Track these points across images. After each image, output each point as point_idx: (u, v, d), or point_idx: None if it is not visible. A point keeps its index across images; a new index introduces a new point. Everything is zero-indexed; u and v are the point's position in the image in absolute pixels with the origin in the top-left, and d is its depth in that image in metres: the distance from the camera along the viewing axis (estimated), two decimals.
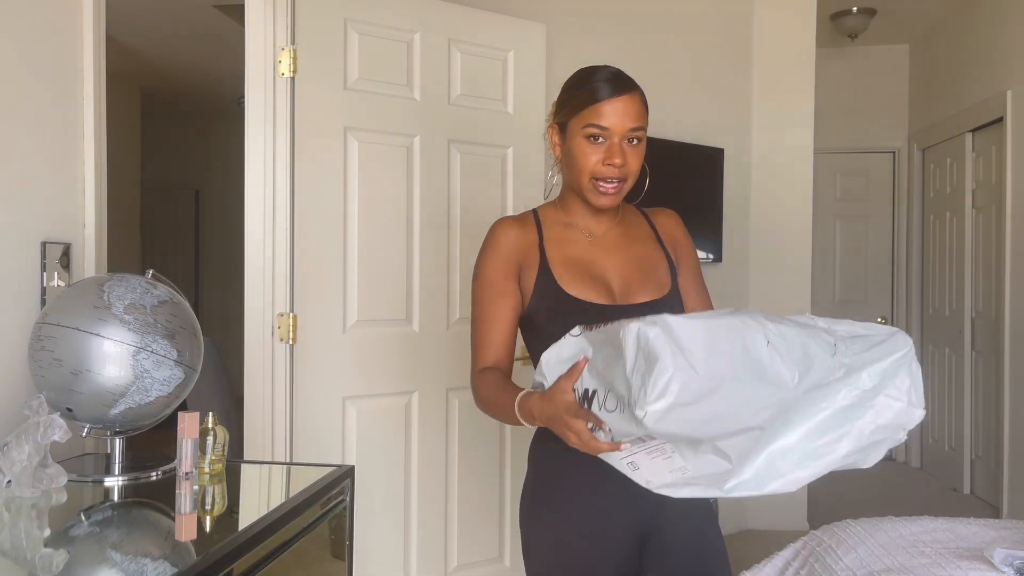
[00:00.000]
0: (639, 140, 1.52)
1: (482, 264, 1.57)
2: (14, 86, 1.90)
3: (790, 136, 4.26)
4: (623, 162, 1.49)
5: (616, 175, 1.50)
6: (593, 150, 1.50)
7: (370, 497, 2.61)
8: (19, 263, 1.91)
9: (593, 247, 1.59)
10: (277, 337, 2.50)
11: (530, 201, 3.00)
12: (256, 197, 2.50)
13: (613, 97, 1.49)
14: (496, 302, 1.55)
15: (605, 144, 1.50)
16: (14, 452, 1.46)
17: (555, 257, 1.55)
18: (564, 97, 1.56)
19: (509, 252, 1.56)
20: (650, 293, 1.56)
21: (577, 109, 1.51)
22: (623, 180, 1.52)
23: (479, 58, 2.89)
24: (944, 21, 5.32)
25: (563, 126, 1.55)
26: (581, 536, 1.51)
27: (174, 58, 5.69)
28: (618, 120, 1.49)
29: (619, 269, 1.58)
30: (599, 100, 1.49)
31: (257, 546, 1.38)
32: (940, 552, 2.17)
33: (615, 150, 1.49)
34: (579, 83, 1.54)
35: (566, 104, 1.54)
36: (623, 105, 1.49)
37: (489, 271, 1.56)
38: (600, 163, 1.50)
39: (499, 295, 1.55)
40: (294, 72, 2.50)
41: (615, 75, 1.52)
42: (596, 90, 1.50)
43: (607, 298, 1.53)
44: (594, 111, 1.49)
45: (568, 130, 1.54)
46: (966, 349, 5.04)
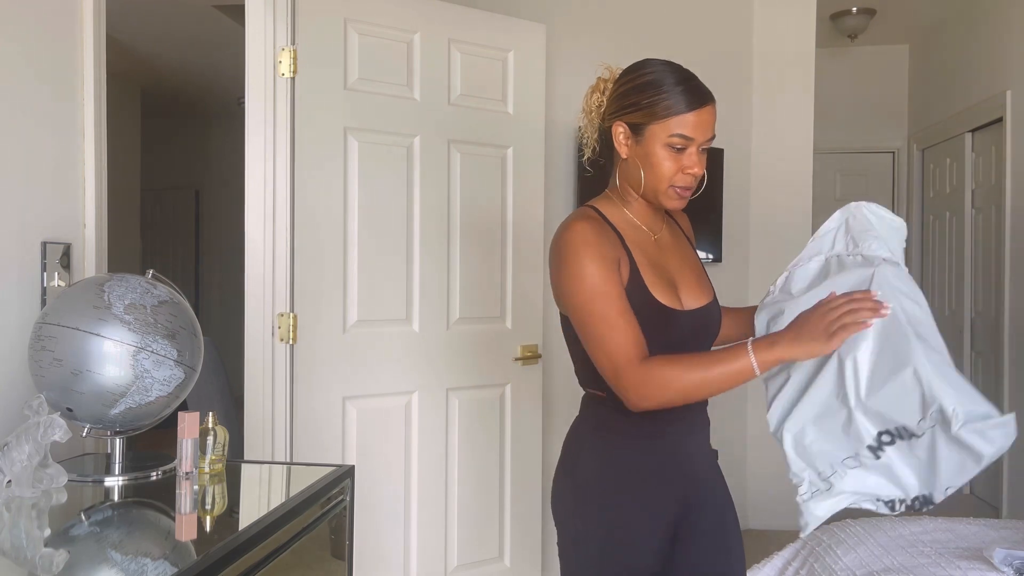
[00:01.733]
0: (707, 150, 1.54)
1: (586, 265, 1.46)
2: (14, 86, 1.90)
3: (790, 136, 4.26)
4: (698, 171, 1.52)
5: (692, 183, 1.53)
6: (674, 158, 1.50)
7: (370, 497, 2.61)
8: (19, 263, 1.91)
9: (659, 248, 1.60)
10: (277, 337, 2.50)
11: (530, 201, 3.02)
12: (256, 197, 2.50)
13: (701, 108, 1.49)
14: (617, 296, 1.46)
15: (685, 152, 1.50)
16: (14, 452, 1.46)
17: (640, 259, 1.53)
18: (640, 99, 1.50)
19: (607, 251, 1.48)
20: (706, 296, 1.61)
21: (662, 116, 1.48)
22: (694, 187, 1.55)
23: (479, 58, 2.89)
24: (944, 21, 5.32)
25: (638, 127, 1.51)
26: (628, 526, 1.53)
27: (174, 58, 5.69)
28: (703, 131, 1.50)
29: (681, 272, 1.60)
30: (690, 110, 1.48)
31: (257, 546, 1.38)
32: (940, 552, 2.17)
33: (695, 160, 1.51)
34: (660, 86, 1.49)
35: (644, 107, 1.49)
36: (708, 116, 1.50)
37: (598, 269, 1.45)
38: (680, 171, 1.51)
39: (617, 288, 1.46)
40: (294, 72, 2.50)
41: (698, 83, 1.51)
42: (686, 99, 1.48)
43: (677, 303, 1.54)
44: (683, 121, 1.48)
45: (646, 133, 1.50)
46: (966, 349, 5.04)
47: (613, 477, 1.55)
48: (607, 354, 1.45)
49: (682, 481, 1.56)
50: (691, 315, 1.56)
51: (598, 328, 1.45)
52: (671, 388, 1.42)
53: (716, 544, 1.59)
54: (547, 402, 3.21)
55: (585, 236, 1.48)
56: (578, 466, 1.60)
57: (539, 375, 3.08)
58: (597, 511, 1.55)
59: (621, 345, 1.44)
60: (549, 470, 3.20)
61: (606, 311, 1.45)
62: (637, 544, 1.53)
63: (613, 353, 1.44)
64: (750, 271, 4.23)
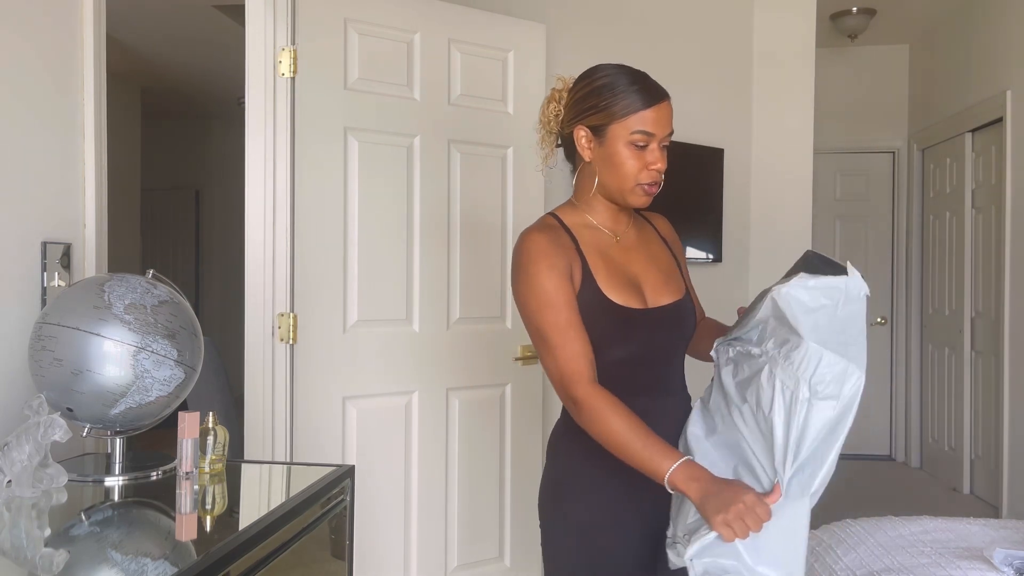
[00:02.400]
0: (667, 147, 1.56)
1: (537, 278, 1.49)
2: (14, 86, 1.90)
3: (790, 136, 4.26)
4: (662, 167, 1.54)
5: (658, 179, 1.55)
6: (637, 156, 1.53)
7: (370, 497, 2.61)
8: (19, 263, 1.91)
9: (620, 249, 1.61)
10: (277, 337, 2.50)
11: (530, 201, 3.02)
12: (256, 197, 2.50)
13: (658, 104, 1.52)
14: (572, 311, 1.49)
15: (646, 149, 1.53)
16: (14, 452, 1.46)
17: (595, 262, 1.55)
18: (598, 101, 1.53)
19: (557, 260, 1.51)
20: (673, 294, 1.61)
21: (621, 115, 1.51)
22: (660, 182, 1.57)
23: (479, 58, 2.89)
24: (944, 21, 5.32)
25: (598, 129, 1.54)
26: (603, 527, 1.54)
27: (174, 58, 5.69)
28: (662, 126, 1.53)
29: (645, 271, 1.61)
30: (647, 107, 1.51)
31: (257, 546, 1.38)
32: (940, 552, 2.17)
33: (658, 155, 1.54)
34: (616, 87, 1.52)
35: (603, 108, 1.52)
36: (666, 111, 1.53)
37: (547, 280, 1.49)
38: (643, 168, 1.53)
39: (567, 300, 1.49)
40: (294, 72, 2.50)
41: (651, 80, 1.55)
42: (643, 97, 1.51)
43: (640, 302, 1.55)
44: (642, 118, 1.51)
45: (607, 134, 1.53)
46: (966, 349, 5.04)
47: (587, 479, 1.56)
48: (555, 363, 1.48)
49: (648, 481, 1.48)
50: (656, 313, 1.56)
51: (549, 337, 1.48)
52: (598, 425, 1.43)
53: None
54: (547, 402, 3.21)
55: (538, 246, 1.52)
56: (555, 466, 1.62)
57: (539, 375, 3.08)
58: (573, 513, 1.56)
59: (569, 357, 1.47)
60: None
61: (556, 321, 1.48)
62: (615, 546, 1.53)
63: (561, 363, 1.48)
64: (750, 271, 4.23)
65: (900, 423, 5.92)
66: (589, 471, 1.56)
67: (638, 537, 1.55)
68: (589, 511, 1.55)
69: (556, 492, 1.60)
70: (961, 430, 5.08)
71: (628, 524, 1.54)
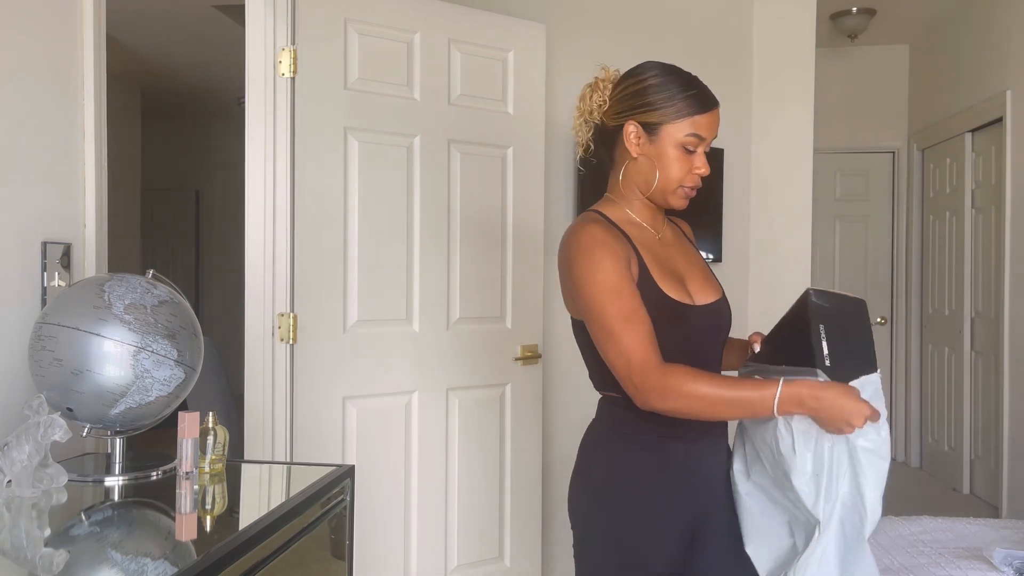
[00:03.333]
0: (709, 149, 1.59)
1: (600, 267, 1.46)
2: (14, 86, 1.90)
3: (790, 136, 4.26)
4: (706, 172, 1.56)
5: (699, 183, 1.58)
6: (686, 158, 1.54)
7: (370, 497, 2.61)
8: (19, 263, 1.91)
9: (662, 246, 1.61)
10: (277, 337, 2.50)
11: (530, 201, 3.02)
12: (256, 197, 2.50)
13: (712, 109, 1.54)
14: (637, 299, 1.46)
15: (695, 153, 1.55)
16: (14, 452, 1.46)
17: (648, 257, 1.55)
18: (656, 99, 1.52)
19: (620, 251, 1.49)
20: (714, 293, 1.63)
21: (678, 116, 1.52)
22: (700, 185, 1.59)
23: (479, 58, 2.89)
24: (944, 21, 5.32)
25: (651, 127, 1.53)
26: (640, 529, 1.53)
27: (174, 58, 5.69)
28: (713, 131, 1.56)
29: (687, 268, 1.62)
30: (705, 111, 1.52)
31: (257, 546, 1.38)
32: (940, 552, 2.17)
33: (703, 160, 1.56)
34: (675, 87, 1.52)
35: (660, 107, 1.52)
36: (717, 118, 1.56)
37: (611, 270, 1.46)
38: (689, 172, 1.55)
39: (635, 292, 1.47)
40: (294, 72, 2.50)
41: (705, 85, 1.56)
42: (701, 100, 1.53)
43: (688, 298, 1.56)
44: (697, 122, 1.52)
45: (660, 133, 1.53)
46: (965, 349, 5.04)
47: (626, 480, 1.55)
48: (621, 352, 1.44)
49: (697, 485, 1.57)
50: (702, 310, 1.58)
51: (614, 326, 1.44)
52: (688, 397, 1.40)
53: (731, 548, 1.59)
54: (547, 402, 3.21)
55: (596, 237, 1.49)
56: (592, 469, 1.60)
57: (539, 375, 3.08)
58: (610, 514, 1.56)
59: (637, 344, 1.43)
60: (549, 470, 3.21)
61: (621, 309, 1.44)
62: (650, 548, 1.53)
63: (628, 351, 1.43)
64: (750, 271, 4.23)
65: (900, 423, 5.92)
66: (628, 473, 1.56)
67: (674, 539, 1.55)
68: (627, 514, 1.54)
69: (595, 495, 1.59)
70: (961, 430, 5.08)
71: (663, 527, 1.54)
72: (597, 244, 1.48)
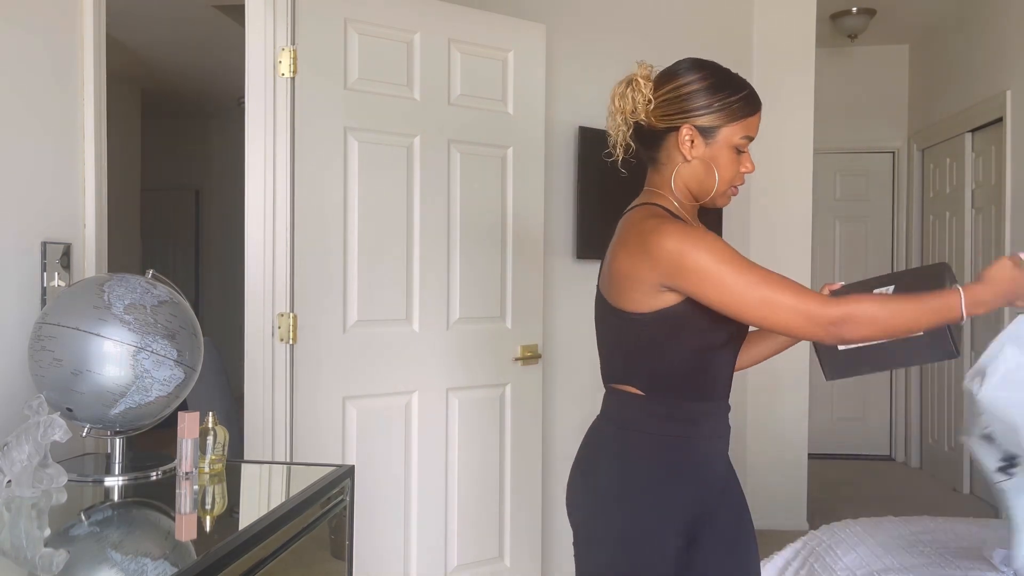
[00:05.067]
0: None
1: (720, 245, 1.44)
2: (14, 86, 1.90)
3: (790, 136, 4.26)
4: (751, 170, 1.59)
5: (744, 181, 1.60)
6: (737, 159, 1.55)
7: (370, 497, 2.61)
8: (19, 263, 1.91)
9: None
10: (277, 337, 2.50)
11: (530, 201, 3.02)
12: (256, 197, 2.50)
13: (760, 109, 1.55)
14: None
15: (745, 153, 1.57)
16: (14, 452, 1.46)
17: None
18: (713, 101, 1.51)
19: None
20: None
21: (735, 118, 1.52)
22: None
23: (479, 58, 2.89)
24: (944, 21, 5.32)
25: (709, 131, 1.52)
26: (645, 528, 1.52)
27: (174, 58, 5.69)
28: (757, 131, 1.57)
29: None
30: (756, 111, 1.54)
31: (257, 546, 1.38)
32: (940, 552, 2.17)
33: (750, 158, 1.57)
34: (729, 88, 1.51)
35: (719, 110, 1.50)
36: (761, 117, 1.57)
37: (727, 247, 1.45)
38: (738, 171, 1.57)
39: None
40: (294, 72, 2.50)
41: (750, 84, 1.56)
42: (754, 101, 1.53)
43: None
44: (750, 123, 1.54)
45: (717, 136, 1.52)
46: (966, 349, 5.04)
47: (633, 481, 1.54)
48: (790, 303, 1.40)
49: (701, 484, 1.57)
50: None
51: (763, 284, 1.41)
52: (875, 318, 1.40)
53: (732, 548, 1.60)
54: (547, 402, 3.21)
55: (693, 227, 1.50)
56: (598, 466, 1.59)
57: (539, 375, 3.08)
58: (616, 516, 1.54)
59: (796, 293, 1.41)
60: (549, 470, 3.21)
61: (756, 268, 1.43)
62: (653, 547, 1.52)
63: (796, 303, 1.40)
64: None
65: (900, 423, 5.92)
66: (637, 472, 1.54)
67: (677, 542, 1.54)
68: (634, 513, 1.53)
69: (599, 496, 1.57)
70: (961, 430, 5.08)
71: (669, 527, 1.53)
72: (698, 230, 1.51)
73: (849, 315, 1.39)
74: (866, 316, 1.39)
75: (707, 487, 1.58)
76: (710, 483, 1.59)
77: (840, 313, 1.39)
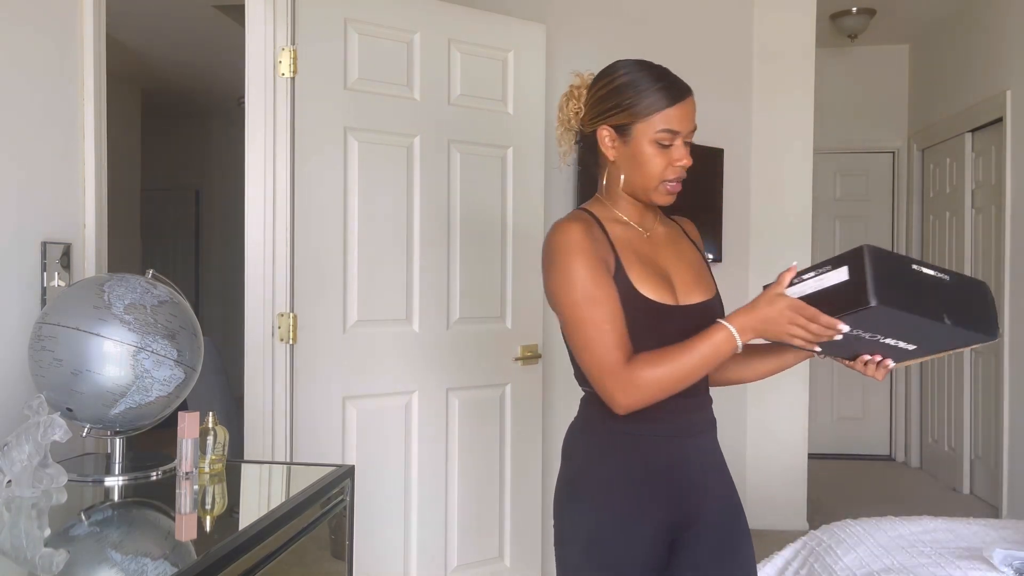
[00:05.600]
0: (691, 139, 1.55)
1: (572, 267, 1.47)
2: (14, 86, 1.90)
3: (790, 136, 4.26)
4: (686, 163, 1.53)
5: (682, 175, 1.55)
6: (662, 154, 1.51)
7: (370, 497, 2.61)
8: (19, 263, 1.91)
9: (650, 244, 1.59)
10: (277, 337, 2.50)
11: (530, 201, 3.02)
12: (256, 197, 2.50)
13: (682, 100, 1.50)
14: (604, 296, 1.46)
15: (672, 147, 1.52)
16: (14, 452, 1.46)
17: (627, 256, 1.54)
18: (621, 100, 1.51)
19: (595, 250, 1.49)
20: (703, 293, 1.60)
21: (645, 114, 1.50)
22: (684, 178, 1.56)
23: (479, 58, 2.89)
24: (944, 21, 5.32)
25: (623, 128, 1.52)
26: (617, 530, 1.52)
27: (174, 58, 5.69)
28: (687, 123, 1.52)
29: (675, 267, 1.60)
30: (672, 104, 1.50)
31: (257, 546, 1.38)
32: (940, 552, 2.17)
33: (683, 152, 1.53)
34: (639, 85, 1.51)
35: (627, 107, 1.51)
36: (690, 108, 1.52)
37: (586, 271, 1.47)
38: (668, 166, 1.52)
39: (603, 289, 1.47)
40: (294, 72, 2.50)
41: (674, 77, 1.53)
42: (667, 95, 1.49)
43: (671, 298, 1.54)
44: (666, 117, 1.49)
45: (632, 134, 1.51)
46: (965, 349, 5.03)
47: (602, 480, 1.54)
48: (594, 358, 1.46)
49: (676, 486, 1.53)
50: (686, 310, 1.54)
51: (586, 331, 1.46)
52: (657, 386, 1.44)
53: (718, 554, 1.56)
54: (547, 402, 3.21)
55: (574, 237, 1.49)
56: (570, 466, 1.61)
57: (539, 375, 3.08)
58: (586, 515, 1.54)
59: (607, 350, 1.44)
60: (549, 470, 3.20)
61: (593, 315, 1.45)
62: (626, 551, 1.51)
63: (599, 357, 1.45)
64: (750, 271, 4.23)
65: (900, 423, 5.92)
66: (602, 472, 1.54)
67: (649, 541, 1.52)
68: (600, 513, 1.53)
69: (569, 493, 1.58)
70: (961, 430, 5.08)
71: (638, 528, 1.52)
72: (572, 248, 1.48)
73: (627, 387, 1.44)
74: (651, 379, 1.43)
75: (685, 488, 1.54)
76: (689, 484, 1.55)
77: (618, 385, 1.44)
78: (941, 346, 1.53)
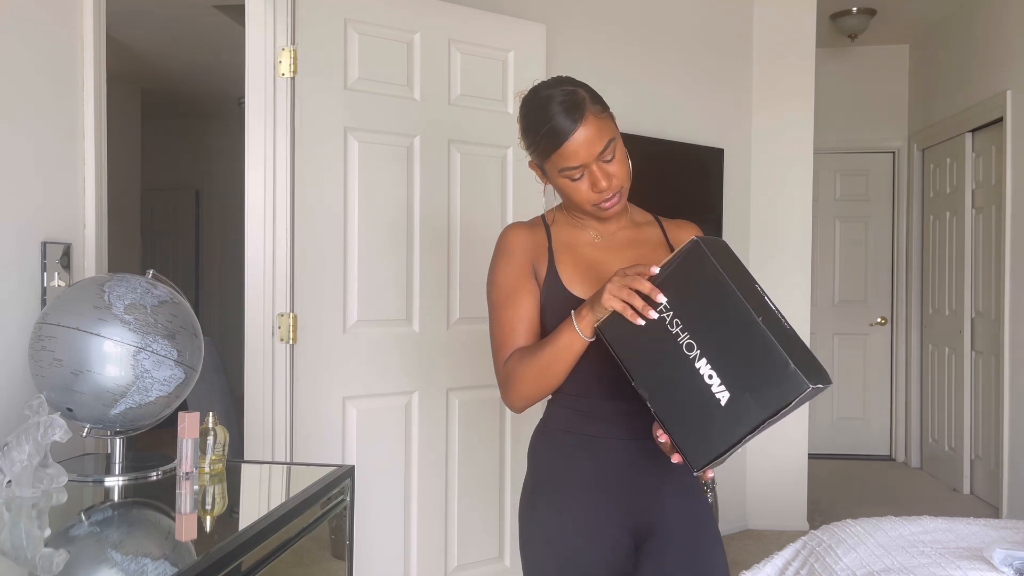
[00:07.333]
0: (614, 151, 1.47)
1: (496, 269, 1.57)
2: (14, 86, 1.90)
3: (790, 136, 4.26)
4: (608, 184, 1.47)
5: (610, 193, 1.49)
6: (578, 184, 1.49)
7: (370, 497, 2.61)
8: (19, 263, 1.91)
9: (601, 248, 1.59)
10: (277, 337, 2.50)
11: (530, 201, 3.02)
12: (256, 197, 2.50)
13: (573, 133, 1.43)
14: (515, 299, 1.53)
15: (586, 174, 1.47)
16: (14, 452, 1.46)
17: (562, 257, 1.55)
18: (527, 140, 1.50)
19: (521, 254, 1.55)
20: None
21: (546, 154, 1.47)
22: (619, 191, 1.50)
23: (479, 58, 2.89)
24: (944, 21, 5.32)
25: (538, 165, 1.53)
26: (575, 533, 1.52)
27: (174, 58, 5.69)
28: (586, 151, 1.44)
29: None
30: (563, 142, 1.43)
31: (257, 546, 1.38)
32: (940, 552, 2.17)
33: (597, 177, 1.46)
34: (530, 129, 1.48)
35: (533, 148, 1.50)
36: (585, 134, 1.43)
37: (504, 274, 1.55)
38: (590, 191, 1.49)
39: (517, 293, 1.53)
40: (294, 72, 2.50)
41: (567, 103, 1.44)
42: (552, 138, 1.44)
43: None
44: (561, 156, 1.45)
45: (546, 170, 1.52)
46: (966, 349, 5.04)
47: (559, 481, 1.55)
48: (495, 357, 1.55)
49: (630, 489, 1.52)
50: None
51: (497, 331, 1.55)
52: (522, 380, 1.49)
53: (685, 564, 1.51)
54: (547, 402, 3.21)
55: (505, 241, 1.58)
56: (529, 474, 1.63)
57: None
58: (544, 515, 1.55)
59: (499, 346, 1.54)
60: None
61: (497, 314, 1.55)
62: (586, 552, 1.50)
63: (500, 357, 1.54)
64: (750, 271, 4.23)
65: (900, 423, 5.92)
66: (561, 477, 1.54)
67: (610, 547, 1.51)
68: (560, 519, 1.53)
69: (530, 499, 1.59)
70: (961, 430, 5.08)
71: (600, 533, 1.51)
72: (499, 252, 1.57)
73: (504, 381, 1.52)
74: (516, 374, 1.49)
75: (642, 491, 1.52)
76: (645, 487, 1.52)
77: (505, 374, 1.52)
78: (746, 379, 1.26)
